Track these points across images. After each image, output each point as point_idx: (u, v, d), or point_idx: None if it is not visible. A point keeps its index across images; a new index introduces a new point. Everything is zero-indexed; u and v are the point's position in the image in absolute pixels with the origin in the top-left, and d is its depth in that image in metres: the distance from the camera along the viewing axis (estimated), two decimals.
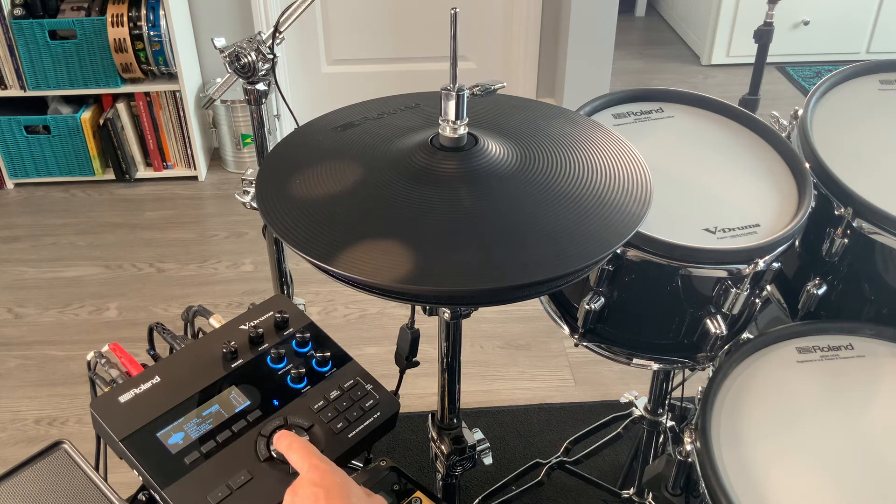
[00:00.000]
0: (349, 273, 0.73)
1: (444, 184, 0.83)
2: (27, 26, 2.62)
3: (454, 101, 0.83)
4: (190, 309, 1.04)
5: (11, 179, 2.95)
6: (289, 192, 0.84)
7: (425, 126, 0.91)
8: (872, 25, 3.78)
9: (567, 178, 0.85)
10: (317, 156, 0.90)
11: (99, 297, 2.42)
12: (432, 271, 0.74)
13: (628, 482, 1.66)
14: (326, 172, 0.87)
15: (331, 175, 0.87)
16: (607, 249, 0.78)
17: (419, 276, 0.73)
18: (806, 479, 0.91)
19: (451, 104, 0.83)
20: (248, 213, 2.66)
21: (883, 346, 1.09)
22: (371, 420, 0.89)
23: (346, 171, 0.87)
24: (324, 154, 0.91)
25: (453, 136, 0.85)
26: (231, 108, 2.90)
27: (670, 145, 1.22)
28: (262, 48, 1.30)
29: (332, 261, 0.74)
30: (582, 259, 0.76)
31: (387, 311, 2.35)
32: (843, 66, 1.35)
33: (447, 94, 0.83)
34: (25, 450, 1.91)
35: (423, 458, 1.84)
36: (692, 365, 1.18)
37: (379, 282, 0.72)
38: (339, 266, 0.74)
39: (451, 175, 0.84)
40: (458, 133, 0.85)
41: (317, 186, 0.85)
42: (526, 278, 0.74)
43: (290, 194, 0.84)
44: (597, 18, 3.01)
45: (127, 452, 0.80)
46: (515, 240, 0.78)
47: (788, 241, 1.07)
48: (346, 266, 0.73)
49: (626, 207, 0.82)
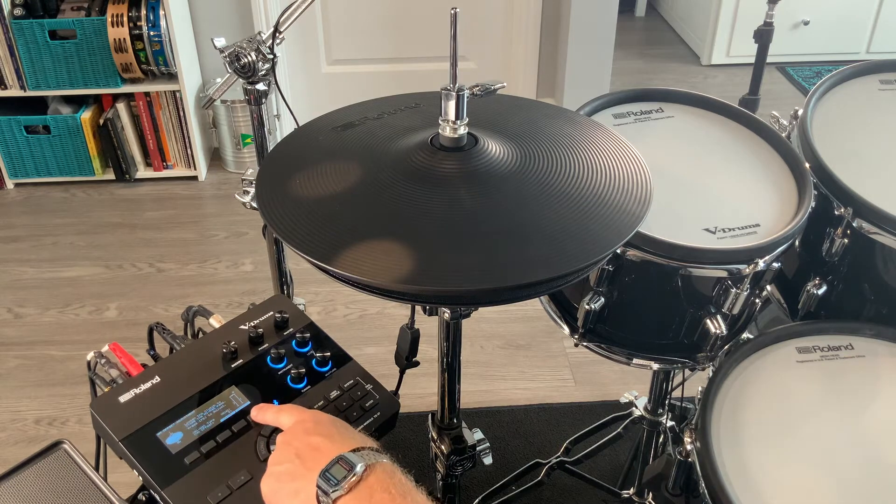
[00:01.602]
0: (348, 273, 0.73)
1: (444, 184, 0.83)
2: (27, 26, 2.62)
3: (454, 101, 0.83)
4: (190, 309, 1.04)
5: (11, 179, 2.95)
6: (289, 192, 0.84)
7: (425, 126, 0.91)
8: (872, 25, 3.78)
9: (567, 178, 0.85)
10: (317, 156, 0.90)
11: (99, 297, 2.42)
12: (431, 271, 0.74)
13: (628, 482, 1.66)
14: (326, 172, 0.87)
15: (330, 175, 0.87)
16: (607, 249, 0.78)
17: (418, 276, 0.73)
18: (806, 479, 0.91)
19: (451, 104, 0.83)
20: (248, 213, 2.65)
21: (883, 346, 1.09)
22: (371, 420, 0.89)
23: (346, 172, 0.87)
24: (324, 154, 0.90)
25: (453, 136, 0.85)
26: (231, 108, 2.90)
27: (670, 145, 1.22)
28: (262, 48, 1.30)
29: (331, 261, 0.74)
30: (582, 259, 0.76)
31: (387, 311, 2.35)
32: (843, 66, 1.35)
33: (447, 94, 0.83)
34: (25, 450, 1.91)
35: (423, 458, 1.84)
36: (692, 365, 1.18)
37: (378, 282, 0.72)
38: (338, 266, 0.74)
39: (451, 175, 0.83)
40: (458, 133, 0.85)
41: (317, 186, 0.85)
42: (526, 278, 0.74)
43: (290, 194, 0.84)
44: (597, 18, 3.01)
45: (127, 452, 0.80)
46: (515, 240, 0.78)
47: (788, 241, 1.07)
48: (346, 266, 0.73)
49: (626, 207, 0.82)
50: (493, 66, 3.22)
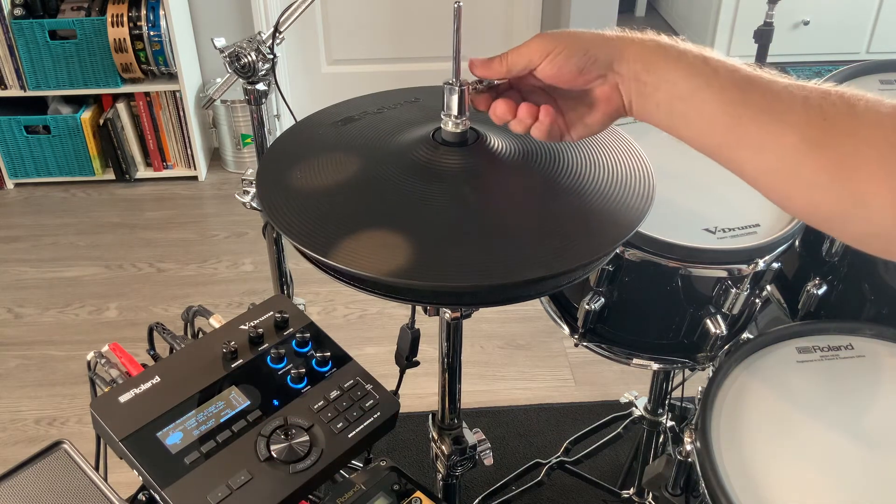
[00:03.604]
0: (350, 268, 0.72)
1: (447, 179, 0.82)
2: (27, 26, 2.62)
3: (457, 96, 0.82)
4: (190, 309, 1.04)
5: (11, 179, 2.95)
6: (289, 186, 0.83)
7: (426, 121, 0.91)
8: (872, 25, 3.78)
9: (570, 174, 0.85)
10: (317, 150, 0.90)
11: (99, 297, 2.42)
12: (431, 267, 0.73)
13: (628, 482, 1.66)
14: (327, 167, 0.87)
15: (331, 170, 0.86)
16: (610, 246, 0.78)
17: (418, 271, 0.72)
18: (806, 479, 0.91)
19: (455, 99, 0.82)
20: (248, 213, 2.65)
21: (883, 346, 1.09)
22: (371, 420, 0.89)
23: (347, 167, 0.86)
24: (324, 148, 0.90)
25: (456, 130, 0.84)
26: (231, 108, 2.90)
27: (670, 145, 1.21)
28: (262, 48, 1.30)
29: (329, 254, 0.74)
30: (586, 255, 0.76)
31: (387, 311, 2.35)
32: (843, 66, 1.35)
33: (450, 88, 0.82)
34: (25, 450, 1.91)
35: (423, 458, 1.84)
36: (692, 365, 1.18)
37: (377, 276, 0.72)
38: (337, 259, 0.73)
39: (454, 170, 0.83)
40: (460, 128, 0.84)
41: (317, 180, 0.84)
42: (528, 275, 0.73)
43: (290, 187, 0.83)
44: (597, 18, 3.01)
45: (127, 452, 0.80)
46: (517, 236, 0.77)
47: (788, 241, 1.07)
48: (347, 261, 0.73)
49: (629, 203, 0.82)
50: None
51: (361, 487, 0.88)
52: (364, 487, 0.88)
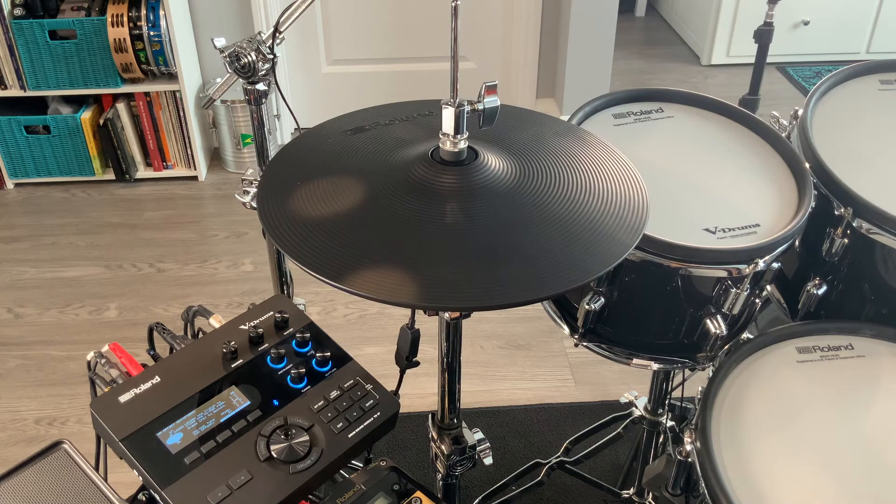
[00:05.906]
0: (339, 285, 0.72)
1: (440, 198, 0.82)
2: (27, 26, 2.62)
3: (453, 117, 0.82)
4: (190, 309, 1.04)
5: (11, 179, 2.95)
6: (290, 205, 0.83)
7: (431, 137, 0.90)
8: (872, 25, 3.78)
9: (563, 198, 0.84)
10: (318, 167, 0.90)
11: (99, 297, 2.42)
12: (414, 287, 0.73)
13: (628, 482, 1.66)
14: (327, 183, 0.87)
15: (330, 186, 0.86)
16: (588, 276, 0.77)
17: (404, 291, 0.72)
18: (806, 479, 0.91)
19: (450, 119, 0.82)
20: (248, 213, 2.66)
21: (883, 346, 1.09)
22: (371, 420, 0.89)
23: (348, 182, 0.86)
24: (327, 164, 0.90)
25: (453, 150, 0.84)
26: (231, 108, 2.90)
27: (670, 145, 1.22)
28: (262, 48, 1.30)
29: (335, 278, 0.74)
30: (562, 283, 0.75)
31: (387, 311, 2.35)
32: (843, 66, 1.36)
33: (446, 108, 0.81)
34: (25, 450, 1.91)
35: (423, 458, 1.84)
36: (692, 365, 1.18)
37: (378, 297, 0.72)
38: (329, 276, 0.73)
39: (449, 190, 0.83)
40: (457, 147, 0.84)
41: (316, 198, 0.84)
42: (499, 300, 0.73)
43: (290, 206, 0.83)
44: (597, 18, 3.01)
45: (127, 452, 0.80)
46: (500, 259, 0.77)
47: (788, 242, 1.07)
48: (353, 285, 0.73)
49: (616, 236, 0.81)
50: (492, 67, 3.22)
51: (361, 487, 0.88)
52: (364, 487, 0.88)
